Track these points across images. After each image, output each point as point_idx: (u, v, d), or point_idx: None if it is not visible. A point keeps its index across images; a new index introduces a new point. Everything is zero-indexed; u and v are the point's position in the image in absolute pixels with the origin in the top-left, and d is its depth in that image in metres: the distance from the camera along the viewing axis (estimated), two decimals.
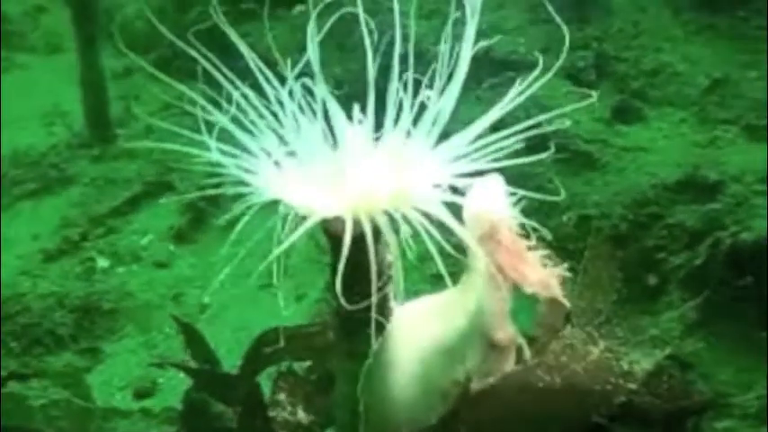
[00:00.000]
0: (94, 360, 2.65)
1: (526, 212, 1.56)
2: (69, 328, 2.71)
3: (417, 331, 1.55)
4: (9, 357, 2.56)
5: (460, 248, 1.48)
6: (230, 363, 2.01)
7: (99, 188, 3.45)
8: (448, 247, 1.37)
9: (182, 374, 2.39)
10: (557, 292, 1.49)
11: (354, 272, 1.39)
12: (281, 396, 1.75)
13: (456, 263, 1.48)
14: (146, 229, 3.26)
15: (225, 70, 1.48)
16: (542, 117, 1.54)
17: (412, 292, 1.59)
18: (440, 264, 1.36)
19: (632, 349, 1.76)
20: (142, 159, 3.54)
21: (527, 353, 1.55)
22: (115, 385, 2.56)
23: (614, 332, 1.85)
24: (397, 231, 1.40)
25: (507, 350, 1.54)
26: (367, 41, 1.44)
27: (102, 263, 3.07)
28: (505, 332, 1.50)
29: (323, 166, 1.45)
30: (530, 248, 1.51)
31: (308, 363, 1.84)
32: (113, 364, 2.65)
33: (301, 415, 1.74)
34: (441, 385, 1.52)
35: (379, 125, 1.49)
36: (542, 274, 1.48)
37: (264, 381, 1.87)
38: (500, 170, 1.51)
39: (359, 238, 1.37)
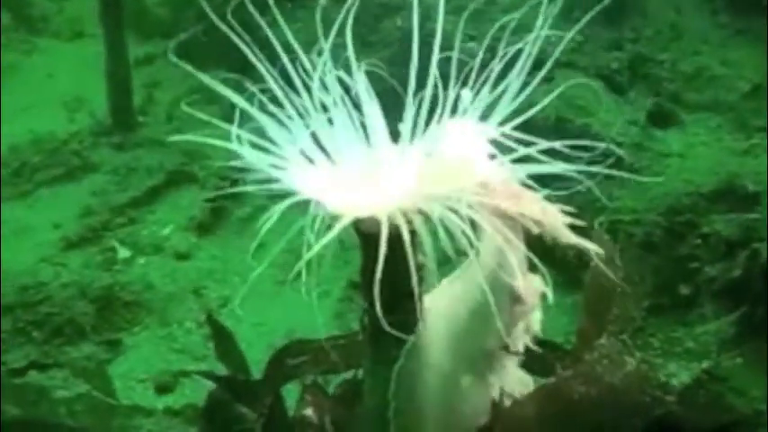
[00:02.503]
0: (115, 352, 2.65)
1: None
2: (91, 318, 2.70)
3: (443, 318, 1.51)
4: (31, 346, 2.56)
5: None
6: (249, 357, 1.98)
7: (121, 177, 3.44)
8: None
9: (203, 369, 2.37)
10: (561, 226, 1.43)
11: (386, 273, 1.33)
12: (308, 411, 1.72)
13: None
14: (167, 220, 3.24)
15: (253, 61, 1.42)
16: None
17: None
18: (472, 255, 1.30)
19: (668, 361, 1.72)
20: (164, 148, 3.51)
21: (550, 296, 1.48)
22: (135, 378, 2.55)
23: (650, 343, 1.81)
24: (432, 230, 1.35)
25: (532, 301, 1.49)
26: (415, 42, 1.39)
27: (124, 253, 3.05)
28: (526, 282, 1.46)
29: (355, 163, 1.42)
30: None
31: (333, 376, 1.79)
32: (134, 357, 2.65)
33: (328, 428, 1.70)
34: (474, 360, 1.47)
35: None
36: (545, 211, 1.42)
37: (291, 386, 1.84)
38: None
39: (391, 238, 1.32)
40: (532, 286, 1.48)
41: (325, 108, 1.43)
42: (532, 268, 1.45)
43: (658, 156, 2.65)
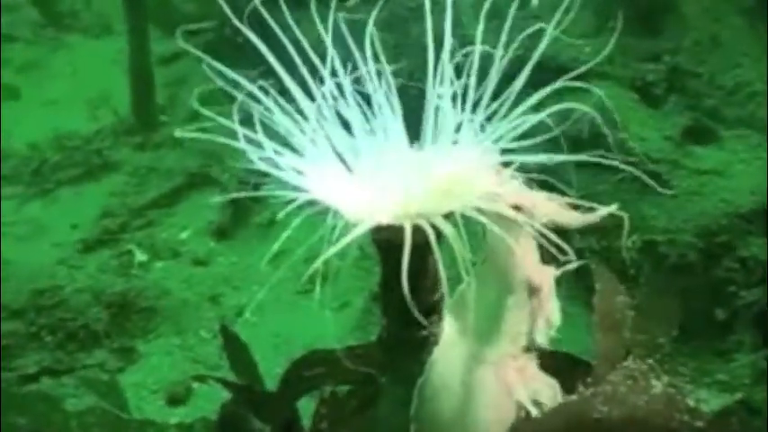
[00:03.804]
0: (128, 360, 2.61)
1: (584, 232, 1.44)
2: (104, 324, 2.67)
3: (461, 326, 1.44)
4: (44, 351, 2.52)
5: None
6: (264, 369, 1.93)
7: (141, 178, 3.41)
8: None
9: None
10: (567, 211, 1.38)
11: (408, 285, 1.26)
12: (323, 425, 1.66)
13: None
14: (186, 223, 3.21)
15: (274, 61, 1.38)
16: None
17: None
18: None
19: (699, 389, 1.63)
20: (185, 149, 3.48)
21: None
22: (148, 388, 2.51)
23: (678, 371, 1.73)
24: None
25: (547, 288, 1.43)
26: (431, 46, 1.34)
27: (141, 257, 3.02)
28: (540, 272, 1.41)
29: (373, 169, 1.37)
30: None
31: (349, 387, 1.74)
32: (147, 366, 2.61)
33: None
34: (497, 366, 1.41)
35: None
36: (553, 204, 1.38)
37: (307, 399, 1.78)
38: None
39: (413, 248, 1.26)
40: (547, 274, 1.42)
41: (341, 114, 1.39)
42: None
43: (694, 173, 2.56)
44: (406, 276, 1.23)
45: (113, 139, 3.65)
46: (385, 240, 1.31)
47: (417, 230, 1.29)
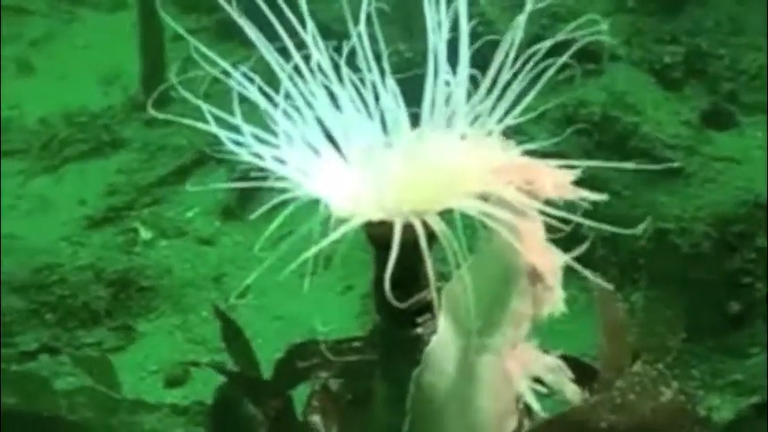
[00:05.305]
0: (127, 339, 2.59)
1: (594, 219, 1.37)
2: (105, 303, 2.65)
3: (458, 315, 1.39)
4: (42, 329, 2.51)
5: None
6: (264, 355, 1.90)
7: (149, 155, 3.38)
8: None
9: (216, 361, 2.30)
10: (572, 191, 1.27)
11: (402, 282, 1.21)
12: (314, 417, 1.63)
13: None
14: (193, 202, 3.17)
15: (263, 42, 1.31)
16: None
17: None
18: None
19: (711, 394, 1.58)
20: (194, 127, 3.43)
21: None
22: (146, 369, 2.49)
23: (690, 374, 1.67)
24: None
25: (552, 276, 1.33)
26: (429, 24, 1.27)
27: (145, 235, 2.99)
28: (544, 257, 1.30)
29: (365, 161, 1.29)
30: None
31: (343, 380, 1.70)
32: (146, 346, 2.59)
33: None
34: (498, 354, 1.33)
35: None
36: (555, 177, 1.27)
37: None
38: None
39: (407, 244, 1.19)
40: (552, 259, 1.31)
41: (335, 98, 1.30)
42: None
43: (711, 160, 2.48)
44: (396, 276, 1.14)
45: (123, 116, 3.61)
46: (378, 236, 1.24)
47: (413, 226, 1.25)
